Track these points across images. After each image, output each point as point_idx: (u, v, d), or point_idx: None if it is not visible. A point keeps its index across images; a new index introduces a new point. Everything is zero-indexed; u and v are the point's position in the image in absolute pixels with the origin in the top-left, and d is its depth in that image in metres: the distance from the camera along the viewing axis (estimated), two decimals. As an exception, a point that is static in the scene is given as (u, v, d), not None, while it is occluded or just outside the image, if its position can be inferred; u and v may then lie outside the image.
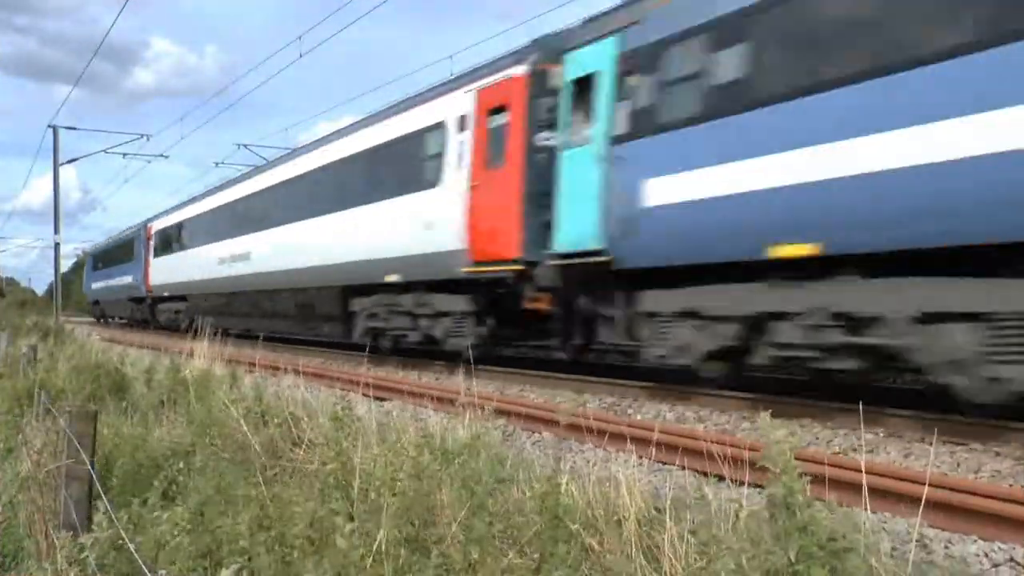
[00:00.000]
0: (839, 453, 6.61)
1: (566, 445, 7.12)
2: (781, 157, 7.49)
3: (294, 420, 5.37)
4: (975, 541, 4.45)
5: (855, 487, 4.56)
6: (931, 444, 6.21)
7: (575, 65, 10.30)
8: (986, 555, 4.29)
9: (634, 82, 9.27)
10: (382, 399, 9.67)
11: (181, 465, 4.59)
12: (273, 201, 19.57)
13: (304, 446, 4.92)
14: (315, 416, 5.48)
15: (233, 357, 10.09)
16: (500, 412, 7.89)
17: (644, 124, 9.07)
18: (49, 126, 30.30)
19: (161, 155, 34.45)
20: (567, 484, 3.56)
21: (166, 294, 27.89)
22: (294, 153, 20.25)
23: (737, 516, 2.87)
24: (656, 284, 9.15)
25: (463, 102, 12.35)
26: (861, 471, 3.77)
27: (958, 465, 6.07)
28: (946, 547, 4.42)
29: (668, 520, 3.00)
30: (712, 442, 4.60)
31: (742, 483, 3.63)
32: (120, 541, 3.03)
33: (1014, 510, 4.49)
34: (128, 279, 32.57)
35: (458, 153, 12.31)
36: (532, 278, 10.82)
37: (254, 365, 10.44)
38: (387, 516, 3.18)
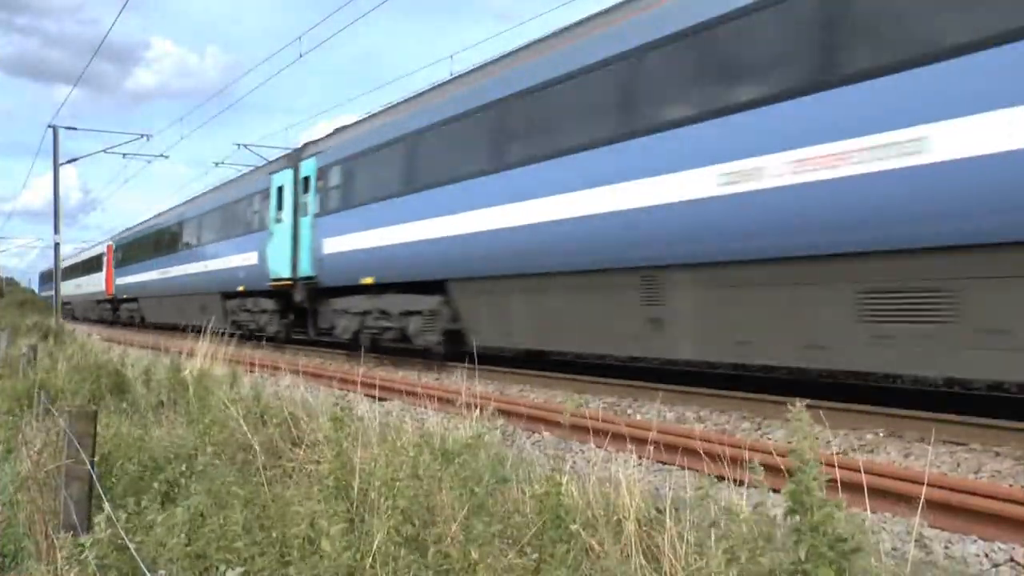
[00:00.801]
0: (839, 453, 6.60)
1: (566, 445, 7.13)
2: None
3: (294, 420, 5.37)
4: (975, 541, 4.44)
5: (856, 487, 4.57)
6: (931, 444, 6.21)
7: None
8: (986, 555, 4.29)
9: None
10: (382, 399, 9.67)
11: (184, 468, 4.59)
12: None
13: (304, 446, 4.92)
14: (315, 416, 5.49)
15: (233, 357, 10.09)
16: (500, 412, 7.90)
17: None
18: (49, 126, 30.18)
19: (161, 155, 34.41)
20: (567, 484, 3.56)
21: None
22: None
23: (738, 517, 2.87)
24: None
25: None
26: (860, 471, 3.77)
27: (958, 465, 6.07)
28: (946, 547, 4.42)
29: (668, 520, 3.00)
30: (708, 441, 4.59)
31: (742, 483, 3.63)
32: (120, 541, 3.02)
33: (1014, 510, 4.49)
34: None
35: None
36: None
37: (253, 365, 10.44)
38: (385, 516, 3.18)
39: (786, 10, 7.67)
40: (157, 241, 30.74)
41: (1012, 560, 4.19)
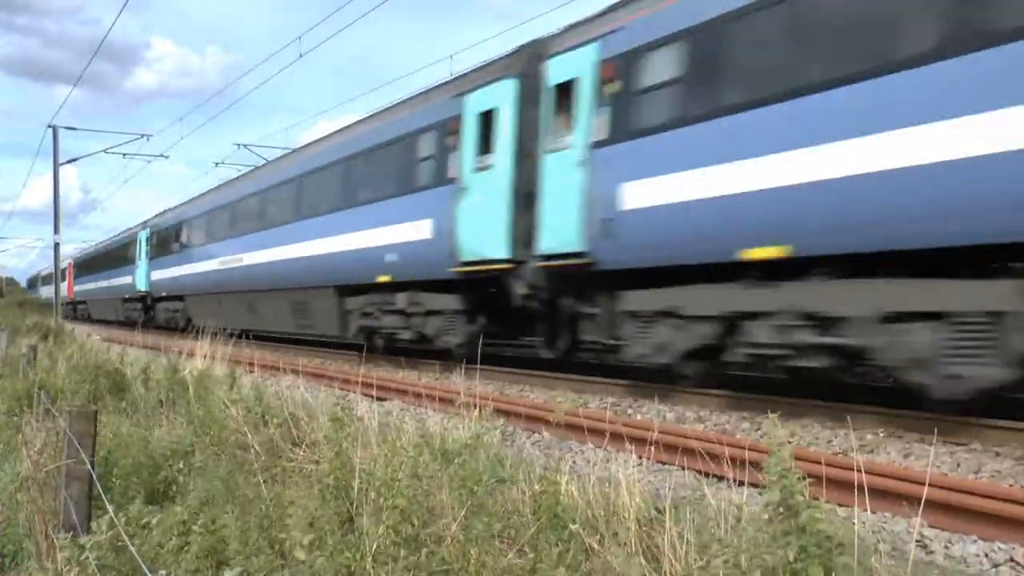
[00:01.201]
0: (839, 453, 6.60)
1: (566, 445, 7.13)
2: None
3: (294, 420, 5.37)
4: (975, 541, 4.44)
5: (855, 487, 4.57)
6: (931, 444, 6.21)
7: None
8: (986, 555, 4.29)
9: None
10: (382, 399, 9.67)
11: (180, 465, 4.59)
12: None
13: (304, 446, 4.92)
14: (315, 416, 5.49)
15: (232, 357, 10.08)
16: (500, 412, 7.89)
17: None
18: (49, 126, 30.25)
19: (161, 155, 34.45)
20: (567, 484, 3.56)
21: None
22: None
23: (738, 519, 2.87)
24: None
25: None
26: (860, 471, 3.77)
27: (958, 465, 6.07)
28: (946, 547, 4.42)
29: (668, 520, 3.00)
30: (708, 441, 4.58)
31: (742, 483, 3.63)
32: (120, 542, 3.02)
33: (1014, 510, 4.49)
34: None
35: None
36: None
37: (253, 365, 10.44)
38: (385, 516, 3.18)
39: None
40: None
41: (1012, 560, 4.19)
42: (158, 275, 29.32)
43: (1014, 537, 4.37)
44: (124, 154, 33.40)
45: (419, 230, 12.98)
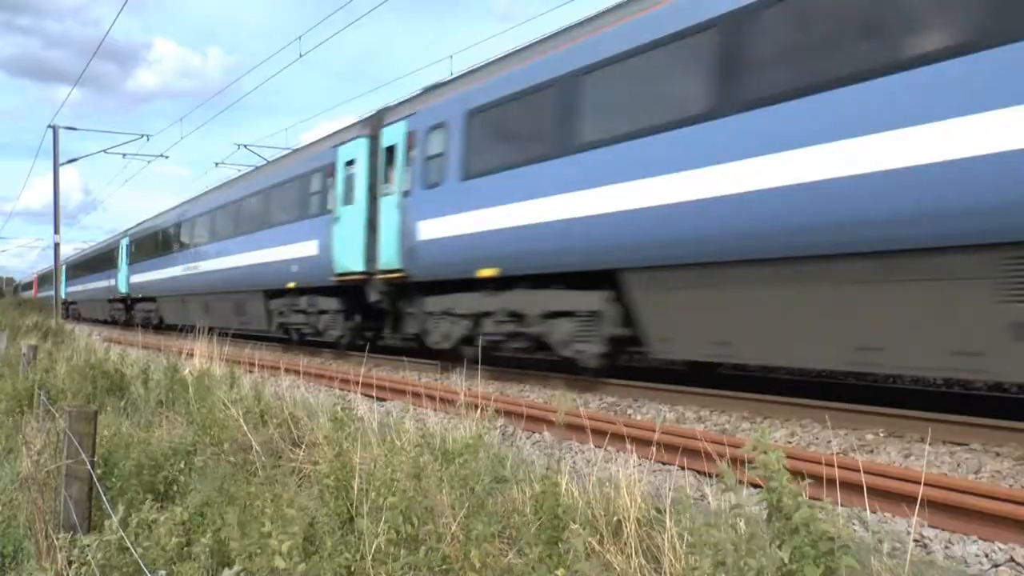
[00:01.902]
0: (839, 453, 6.60)
1: (567, 445, 7.13)
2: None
3: (294, 420, 5.37)
4: (975, 541, 4.44)
5: (856, 487, 4.57)
6: (931, 444, 6.21)
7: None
8: (986, 555, 4.29)
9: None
10: (382, 399, 9.67)
11: (182, 465, 4.59)
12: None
13: (304, 446, 4.93)
14: (315, 416, 5.49)
15: (232, 357, 10.08)
16: (500, 412, 7.89)
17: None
18: (49, 126, 30.23)
19: (161, 155, 34.45)
20: (567, 484, 3.56)
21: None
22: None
23: (737, 519, 2.87)
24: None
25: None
26: (860, 471, 3.77)
27: (958, 465, 6.07)
28: (946, 547, 4.42)
29: (668, 520, 3.00)
30: (709, 441, 4.59)
31: (740, 483, 3.62)
32: (119, 542, 3.02)
33: (1014, 510, 4.49)
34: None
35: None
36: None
37: (253, 365, 10.44)
38: (385, 516, 3.18)
39: None
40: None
41: (1012, 560, 4.19)
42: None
43: (1014, 537, 4.37)
44: (124, 154, 33.47)
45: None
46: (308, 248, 16.88)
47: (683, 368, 12.26)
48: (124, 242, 35.88)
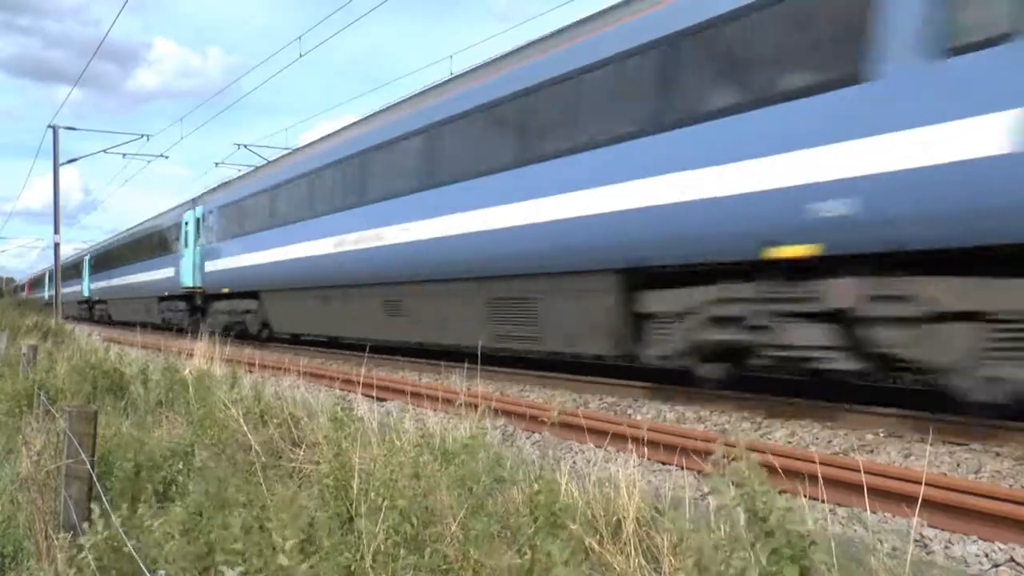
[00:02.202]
0: (839, 453, 6.60)
1: (566, 445, 7.13)
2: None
3: (294, 420, 5.37)
4: (975, 541, 4.44)
5: (856, 487, 4.57)
6: (931, 444, 6.21)
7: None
8: (986, 555, 4.29)
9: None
10: (382, 399, 9.67)
11: (180, 465, 4.59)
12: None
13: (304, 446, 4.92)
14: (315, 416, 5.49)
15: (232, 357, 10.08)
16: (500, 412, 7.89)
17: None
18: (49, 126, 30.22)
19: (161, 155, 34.40)
20: (566, 484, 3.56)
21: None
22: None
23: (725, 521, 2.87)
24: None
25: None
26: (860, 471, 3.77)
27: (958, 465, 6.07)
28: (946, 547, 4.41)
29: (668, 520, 3.00)
30: (709, 440, 4.58)
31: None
32: (118, 543, 3.02)
33: (1014, 510, 4.49)
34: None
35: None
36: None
37: (253, 365, 10.44)
38: (384, 516, 3.17)
39: None
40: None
41: (1012, 560, 4.19)
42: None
43: (1014, 537, 4.37)
44: (124, 154, 33.41)
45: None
46: (170, 272, 27.56)
47: (682, 368, 12.25)
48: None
